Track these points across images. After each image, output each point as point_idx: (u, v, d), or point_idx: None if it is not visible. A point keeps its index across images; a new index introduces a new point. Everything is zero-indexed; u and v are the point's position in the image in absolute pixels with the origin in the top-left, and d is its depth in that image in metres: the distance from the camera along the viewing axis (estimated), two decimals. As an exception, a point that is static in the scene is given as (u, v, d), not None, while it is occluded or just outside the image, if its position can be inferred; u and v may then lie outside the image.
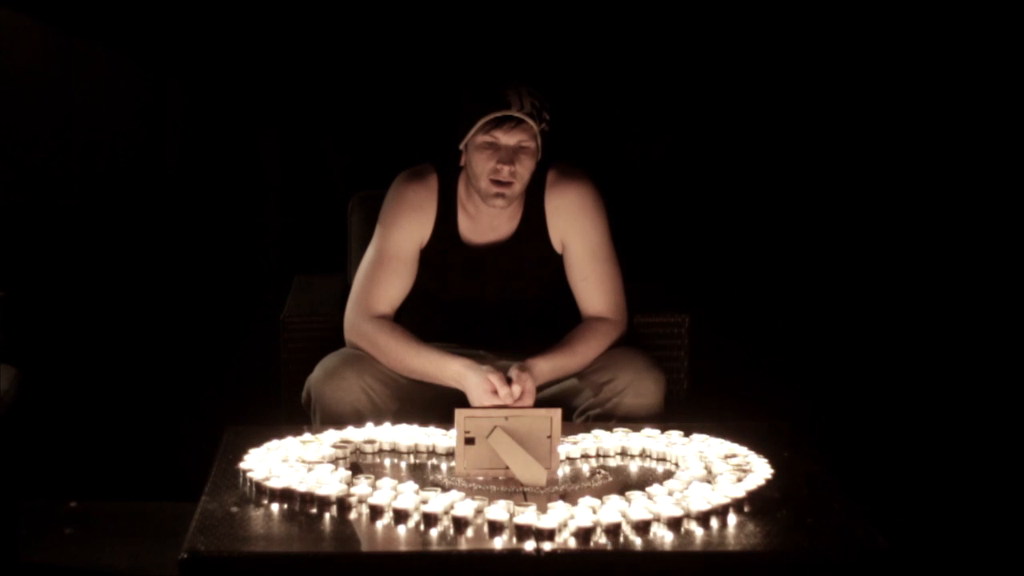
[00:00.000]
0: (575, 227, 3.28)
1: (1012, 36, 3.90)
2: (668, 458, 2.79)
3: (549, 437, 2.71)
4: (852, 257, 4.02)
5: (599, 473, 2.71)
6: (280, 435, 2.82)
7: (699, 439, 2.83)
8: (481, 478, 2.66)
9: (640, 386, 3.11)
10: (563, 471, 2.73)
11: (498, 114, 3.11)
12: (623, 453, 2.83)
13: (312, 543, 2.40)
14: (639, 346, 3.28)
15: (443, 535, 2.38)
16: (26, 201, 3.94)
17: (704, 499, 2.46)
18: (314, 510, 2.48)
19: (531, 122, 3.12)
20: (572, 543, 2.34)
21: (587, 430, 2.91)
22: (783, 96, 3.96)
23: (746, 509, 2.49)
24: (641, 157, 3.99)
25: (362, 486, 2.52)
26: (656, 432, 2.88)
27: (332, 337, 3.31)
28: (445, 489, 2.53)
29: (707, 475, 2.63)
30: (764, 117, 3.97)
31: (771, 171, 4.00)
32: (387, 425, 2.91)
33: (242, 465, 2.63)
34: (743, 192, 4.00)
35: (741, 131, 3.98)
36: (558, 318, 3.28)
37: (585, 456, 2.81)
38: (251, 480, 2.58)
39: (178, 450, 3.93)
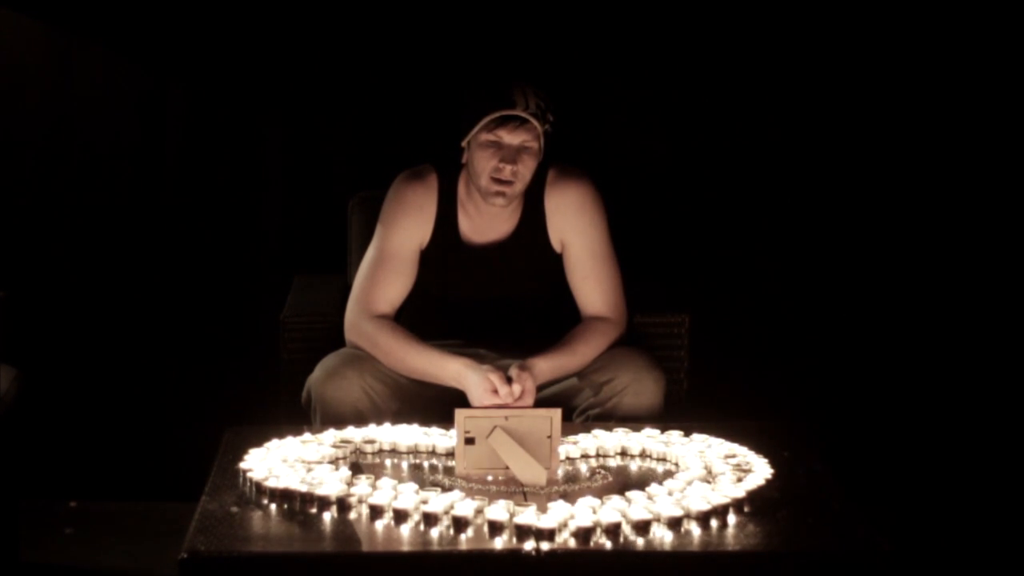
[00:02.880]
0: (575, 227, 3.28)
1: (1012, 36, 3.90)
2: (668, 458, 2.79)
3: (549, 437, 2.71)
4: (852, 257, 4.02)
5: (599, 473, 2.71)
6: (280, 435, 2.82)
7: (699, 439, 2.83)
8: (489, 478, 2.67)
9: (640, 386, 3.11)
10: (563, 471, 2.73)
11: (503, 113, 3.11)
12: (623, 453, 2.83)
13: (312, 543, 2.40)
14: (639, 346, 3.28)
15: (443, 535, 2.38)
16: (26, 201, 3.94)
17: (704, 499, 2.46)
18: (314, 510, 2.48)
19: (535, 122, 3.12)
20: (572, 543, 2.34)
21: (587, 430, 2.91)
22: (783, 96, 3.96)
23: (746, 509, 2.49)
24: (640, 157, 3.98)
25: (362, 486, 2.52)
26: (656, 432, 2.88)
27: (332, 337, 3.31)
28: (445, 489, 2.53)
29: (707, 475, 2.63)
30: (764, 117, 3.97)
31: (771, 171, 3.99)
32: (387, 425, 2.91)
33: (242, 465, 2.63)
34: (743, 192, 4.00)
35: (741, 131, 3.98)
36: (558, 318, 3.28)
37: (585, 456, 2.81)
38: (251, 480, 2.58)
39: (178, 450, 3.93)
